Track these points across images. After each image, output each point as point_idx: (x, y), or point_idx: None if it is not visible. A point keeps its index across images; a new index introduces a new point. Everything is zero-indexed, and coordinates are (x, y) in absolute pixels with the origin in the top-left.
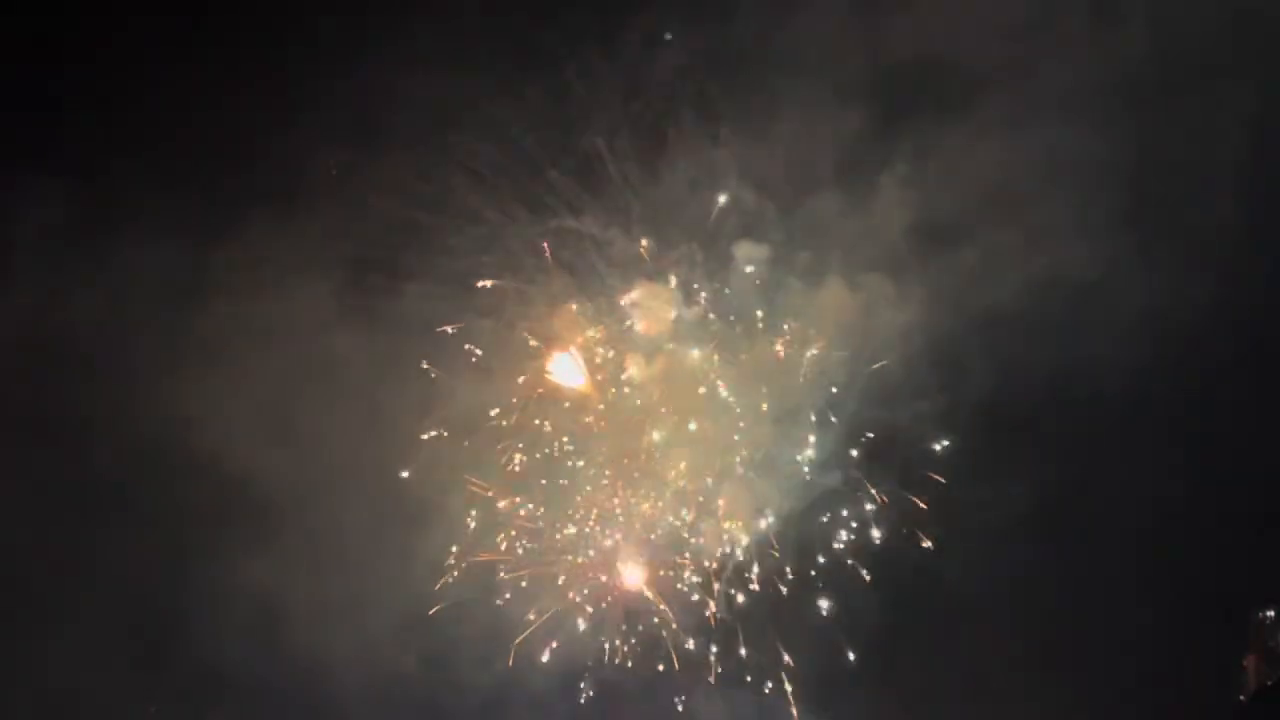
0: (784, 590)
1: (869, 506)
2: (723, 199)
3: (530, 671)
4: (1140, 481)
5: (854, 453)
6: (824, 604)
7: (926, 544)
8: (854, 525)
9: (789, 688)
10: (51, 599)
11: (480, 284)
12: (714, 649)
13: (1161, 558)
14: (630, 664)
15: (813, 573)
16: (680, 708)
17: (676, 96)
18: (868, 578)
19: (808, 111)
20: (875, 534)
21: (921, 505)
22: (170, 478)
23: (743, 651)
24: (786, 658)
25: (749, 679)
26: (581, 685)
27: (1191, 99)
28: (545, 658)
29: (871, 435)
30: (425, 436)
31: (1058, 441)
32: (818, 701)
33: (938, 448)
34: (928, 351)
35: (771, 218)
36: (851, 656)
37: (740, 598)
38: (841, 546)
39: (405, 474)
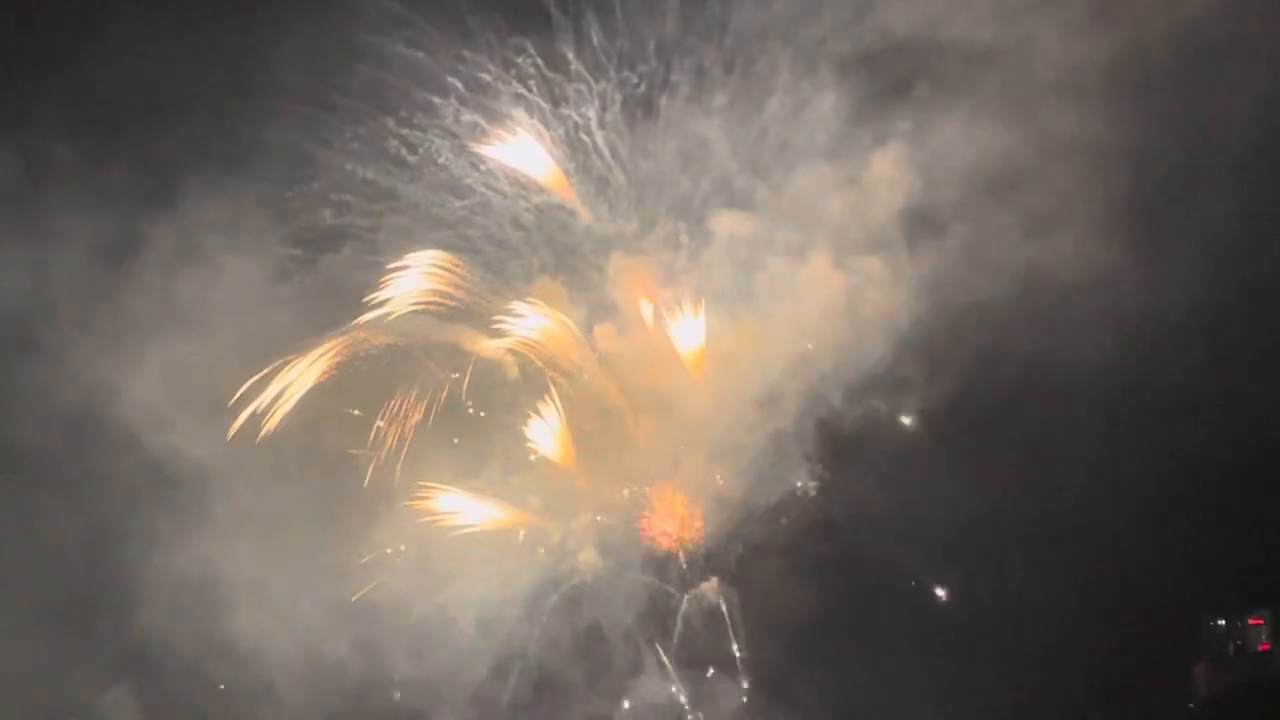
0: (739, 577)
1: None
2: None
3: (473, 658)
4: (1097, 491)
5: (820, 444)
6: (778, 592)
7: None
8: (814, 514)
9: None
10: None
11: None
12: (663, 633)
13: (1115, 567)
14: (575, 649)
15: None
16: (626, 692)
17: (671, 67)
18: (824, 567)
19: (792, 90)
20: (835, 524)
21: (881, 499)
22: (100, 451)
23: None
24: (735, 646)
25: (699, 663)
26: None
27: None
28: (489, 643)
29: (839, 427)
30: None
31: (1020, 448)
32: (768, 688)
33: (902, 444)
34: (902, 344)
35: (759, 197)
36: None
37: (695, 583)
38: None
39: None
